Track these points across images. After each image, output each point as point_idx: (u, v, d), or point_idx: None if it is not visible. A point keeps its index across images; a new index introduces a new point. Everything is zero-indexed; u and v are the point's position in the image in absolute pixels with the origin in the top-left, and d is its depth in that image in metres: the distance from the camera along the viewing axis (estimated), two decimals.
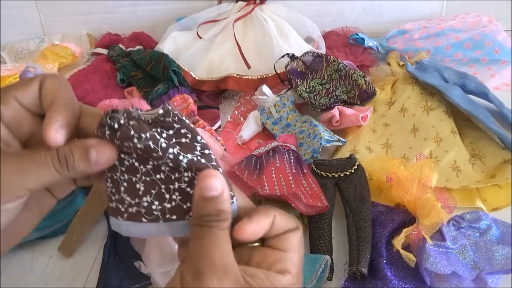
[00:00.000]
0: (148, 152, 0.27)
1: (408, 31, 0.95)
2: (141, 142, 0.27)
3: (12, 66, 1.02)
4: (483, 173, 0.63)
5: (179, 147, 0.28)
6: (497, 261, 0.48)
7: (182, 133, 0.28)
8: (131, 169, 0.29)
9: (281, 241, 0.30)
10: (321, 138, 0.67)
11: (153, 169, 0.28)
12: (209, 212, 0.27)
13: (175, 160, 0.28)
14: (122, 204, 0.30)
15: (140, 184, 0.29)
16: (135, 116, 0.28)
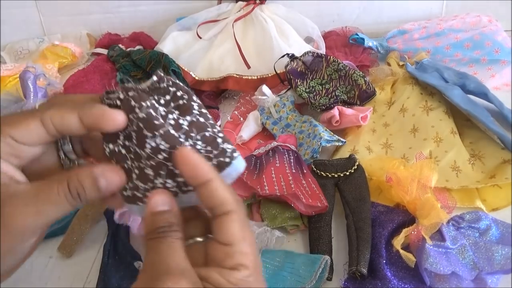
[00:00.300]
0: (150, 121, 0.27)
1: (408, 31, 0.95)
2: (142, 110, 0.27)
3: (12, 66, 1.02)
4: (483, 173, 0.63)
5: (178, 112, 0.29)
6: (496, 261, 0.48)
7: (178, 96, 0.29)
8: (136, 156, 0.29)
9: (220, 233, 0.28)
10: (320, 138, 0.67)
11: (152, 152, 0.28)
12: (161, 224, 0.28)
13: (176, 125, 0.28)
14: (137, 191, 0.30)
15: (148, 169, 0.29)
16: (132, 87, 0.28)
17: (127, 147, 0.29)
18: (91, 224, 0.61)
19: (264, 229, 0.56)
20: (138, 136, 0.28)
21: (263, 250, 0.54)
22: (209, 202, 0.28)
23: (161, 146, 0.28)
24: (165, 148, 0.28)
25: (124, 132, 0.29)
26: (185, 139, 0.28)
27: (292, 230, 0.60)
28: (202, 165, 0.28)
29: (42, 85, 0.87)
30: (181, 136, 0.28)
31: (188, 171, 0.28)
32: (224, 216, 0.28)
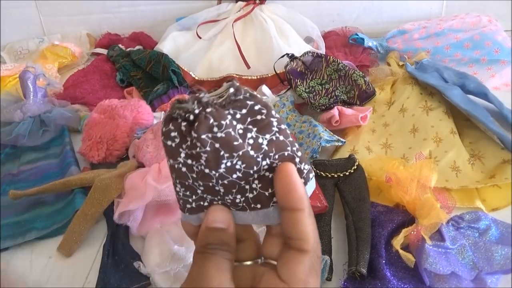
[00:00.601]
0: (229, 142, 0.25)
1: (408, 31, 0.95)
2: (221, 130, 0.24)
3: (12, 66, 1.02)
4: (482, 173, 0.63)
5: (256, 129, 0.26)
6: (496, 261, 0.48)
7: (256, 110, 0.26)
8: (204, 176, 0.27)
9: (284, 267, 0.27)
10: (320, 138, 0.67)
11: (227, 171, 0.26)
12: (213, 241, 0.27)
13: (255, 145, 0.26)
14: (203, 201, 0.28)
15: (219, 187, 0.27)
16: (208, 102, 0.25)
17: (189, 166, 0.27)
18: (91, 224, 0.61)
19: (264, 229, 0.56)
20: (212, 157, 0.25)
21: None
22: (289, 230, 0.27)
23: (237, 166, 0.26)
24: (241, 168, 0.26)
25: (187, 150, 0.26)
26: (262, 159, 0.26)
27: None
28: (300, 190, 0.26)
29: (42, 85, 0.87)
30: (259, 156, 0.26)
31: (285, 191, 0.26)
32: (296, 252, 0.27)
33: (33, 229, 0.63)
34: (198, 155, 0.25)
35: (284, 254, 0.28)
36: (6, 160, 0.78)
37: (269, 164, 0.27)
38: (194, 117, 0.25)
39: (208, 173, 0.26)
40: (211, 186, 0.27)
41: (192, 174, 0.27)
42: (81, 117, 0.84)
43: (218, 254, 0.27)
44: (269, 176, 0.27)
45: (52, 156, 0.77)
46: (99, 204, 0.61)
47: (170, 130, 0.26)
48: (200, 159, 0.26)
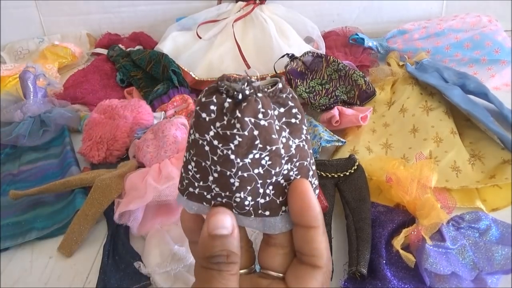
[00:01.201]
0: (268, 133, 0.24)
1: (408, 31, 0.95)
2: (266, 119, 0.24)
3: (11, 66, 1.02)
4: (482, 173, 0.63)
5: (288, 130, 0.25)
6: (496, 261, 0.48)
7: (293, 113, 0.25)
8: (226, 162, 0.25)
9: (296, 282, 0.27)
10: (320, 138, 0.67)
11: (251, 163, 0.25)
12: (217, 252, 0.25)
13: (286, 145, 0.25)
14: (208, 192, 0.27)
15: (235, 179, 0.25)
16: (259, 88, 0.24)
17: (213, 147, 0.25)
18: (91, 224, 0.61)
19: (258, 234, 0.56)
20: (245, 143, 0.24)
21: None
22: (302, 247, 0.27)
23: (263, 161, 0.25)
24: (265, 164, 0.25)
25: (219, 129, 0.24)
26: (286, 162, 0.26)
27: None
28: (316, 208, 0.26)
29: (42, 85, 0.87)
30: (285, 157, 0.26)
31: (301, 208, 0.26)
32: (309, 267, 0.27)
33: (33, 229, 0.63)
34: (232, 137, 0.24)
35: (295, 268, 0.27)
36: (6, 160, 0.78)
37: (288, 170, 0.26)
38: (243, 97, 0.24)
39: (233, 159, 0.25)
40: (227, 176, 0.26)
41: (214, 156, 0.25)
42: (81, 117, 0.84)
43: (224, 270, 0.25)
44: (282, 184, 0.26)
45: (52, 156, 0.77)
46: (100, 204, 0.61)
47: (211, 102, 0.24)
48: (230, 142, 0.24)
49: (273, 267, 0.29)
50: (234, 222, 0.26)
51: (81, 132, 0.79)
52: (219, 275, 0.25)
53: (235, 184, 0.26)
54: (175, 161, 0.64)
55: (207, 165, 0.26)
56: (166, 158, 0.65)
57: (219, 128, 0.24)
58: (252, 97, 0.24)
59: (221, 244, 0.25)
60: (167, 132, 0.68)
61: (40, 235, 0.62)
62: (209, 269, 0.25)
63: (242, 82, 0.24)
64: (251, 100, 0.24)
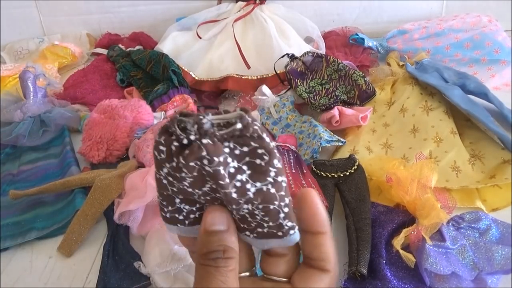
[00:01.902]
0: (214, 178, 0.23)
1: (408, 31, 0.95)
2: (211, 166, 0.23)
3: (12, 66, 1.02)
4: (482, 173, 0.63)
5: (250, 172, 0.24)
6: (496, 261, 0.48)
7: (258, 153, 0.24)
8: (185, 192, 0.26)
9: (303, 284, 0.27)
10: (320, 138, 0.67)
11: (211, 190, 0.25)
12: (214, 248, 0.26)
13: (241, 189, 0.24)
14: (179, 214, 0.27)
15: (200, 199, 0.26)
16: (208, 131, 0.23)
17: (170, 182, 0.25)
18: (91, 224, 0.61)
19: None
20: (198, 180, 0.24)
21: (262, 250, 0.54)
22: (311, 252, 0.27)
23: (219, 200, 0.26)
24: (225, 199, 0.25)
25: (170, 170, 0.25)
26: (245, 203, 0.25)
27: None
28: (324, 214, 0.27)
29: (42, 85, 0.87)
30: (241, 199, 0.25)
31: (310, 215, 0.26)
32: (317, 271, 0.27)
33: (33, 229, 0.63)
34: (182, 179, 0.24)
35: (303, 271, 0.28)
36: (6, 160, 0.78)
37: (250, 210, 0.26)
38: (188, 142, 0.23)
39: (191, 191, 0.25)
40: (191, 199, 0.26)
41: (173, 188, 0.26)
42: (81, 117, 0.84)
43: (222, 266, 0.25)
44: (248, 218, 0.26)
45: (52, 156, 0.77)
46: (99, 204, 0.61)
47: (159, 143, 0.24)
48: (183, 181, 0.25)
49: (276, 274, 0.29)
50: (229, 218, 0.27)
51: (81, 132, 0.79)
52: (217, 271, 0.25)
53: (201, 202, 0.26)
54: None
55: (169, 193, 0.26)
56: None
57: (170, 169, 0.24)
58: (195, 144, 0.23)
59: (217, 239, 0.26)
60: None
61: (40, 235, 0.62)
62: (207, 266, 0.26)
63: (192, 122, 0.23)
64: (195, 147, 0.23)
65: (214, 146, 0.23)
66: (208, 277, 0.25)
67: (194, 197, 0.26)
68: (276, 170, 0.25)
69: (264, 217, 0.26)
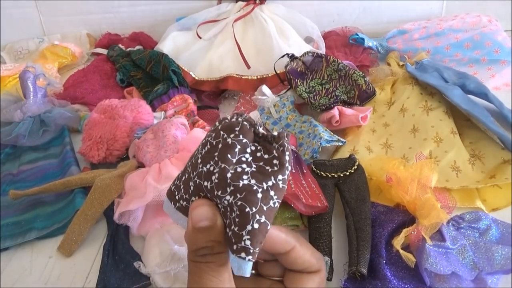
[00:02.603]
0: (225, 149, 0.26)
1: (408, 31, 0.95)
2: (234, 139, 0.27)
3: (11, 66, 1.02)
4: (483, 173, 0.63)
5: (254, 170, 0.27)
6: (496, 261, 0.48)
7: (272, 163, 0.27)
8: (195, 164, 0.28)
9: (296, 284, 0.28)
10: (320, 138, 0.67)
11: (206, 173, 0.27)
12: (203, 244, 0.26)
13: (237, 174, 0.26)
14: (178, 192, 0.29)
15: (192, 183, 0.28)
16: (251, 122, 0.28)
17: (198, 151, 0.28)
18: (91, 224, 0.61)
19: None
20: (210, 151, 0.27)
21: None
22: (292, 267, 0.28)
23: (213, 177, 0.27)
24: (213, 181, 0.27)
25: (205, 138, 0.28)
26: (230, 193, 0.26)
27: (292, 230, 0.59)
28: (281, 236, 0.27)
29: (42, 85, 0.87)
30: (230, 185, 0.26)
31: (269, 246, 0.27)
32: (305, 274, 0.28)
33: (33, 229, 0.63)
34: (206, 143, 0.28)
35: (292, 275, 0.29)
36: (6, 160, 0.78)
37: (229, 203, 0.26)
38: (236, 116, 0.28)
39: (199, 163, 0.28)
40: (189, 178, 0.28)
41: (193, 159, 0.29)
42: (81, 117, 0.84)
43: (212, 262, 0.26)
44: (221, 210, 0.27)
45: (52, 156, 0.77)
46: (99, 204, 0.61)
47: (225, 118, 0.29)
48: (204, 148, 0.28)
49: (273, 275, 0.30)
50: (215, 212, 0.27)
51: (81, 132, 0.79)
52: (207, 267, 0.26)
53: (191, 188, 0.28)
54: (175, 161, 0.64)
55: (188, 165, 0.29)
56: (166, 158, 0.65)
57: (206, 137, 0.28)
58: (237, 120, 0.27)
59: (205, 236, 0.26)
60: (167, 132, 0.68)
61: (40, 235, 0.62)
62: (198, 262, 0.26)
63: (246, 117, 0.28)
64: (234, 121, 0.27)
65: (247, 130, 0.27)
66: (200, 273, 0.26)
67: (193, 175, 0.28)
68: (274, 183, 0.27)
69: (237, 217, 0.26)
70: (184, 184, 0.28)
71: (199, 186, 0.27)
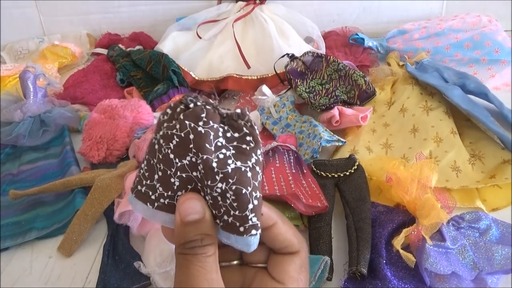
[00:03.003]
0: (201, 139, 0.26)
1: (408, 31, 0.95)
2: (205, 127, 0.26)
3: (11, 66, 1.02)
4: (483, 173, 0.63)
5: (234, 152, 0.27)
6: (496, 261, 0.48)
7: (246, 140, 0.27)
8: (166, 161, 0.27)
9: (277, 269, 0.28)
10: (320, 138, 0.67)
11: (189, 165, 0.27)
12: (192, 237, 0.26)
13: (222, 161, 0.26)
14: (153, 192, 0.28)
15: (175, 179, 0.27)
16: (212, 104, 0.27)
17: (160, 145, 0.27)
18: (91, 224, 0.61)
19: None
20: (181, 144, 0.26)
21: None
22: (272, 244, 0.28)
23: (199, 167, 0.26)
24: (200, 171, 0.26)
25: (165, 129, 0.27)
26: (220, 180, 0.26)
27: None
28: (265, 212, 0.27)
29: (42, 85, 0.87)
30: (219, 173, 0.26)
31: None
32: (286, 255, 0.28)
33: (33, 229, 0.63)
34: (171, 137, 0.26)
35: (274, 258, 0.28)
36: (6, 160, 0.78)
37: (223, 190, 0.26)
38: (194, 105, 0.26)
39: (172, 159, 0.27)
40: (168, 175, 0.27)
41: (159, 155, 0.27)
42: (81, 117, 0.84)
43: (200, 253, 0.26)
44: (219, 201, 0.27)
45: (52, 156, 0.77)
46: (99, 204, 0.61)
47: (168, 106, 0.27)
48: (170, 142, 0.27)
49: (258, 261, 0.30)
50: (204, 205, 0.27)
51: (81, 132, 0.79)
52: (195, 258, 0.26)
53: (176, 184, 0.27)
54: None
55: (154, 163, 0.28)
56: None
57: (165, 128, 0.27)
58: (199, 106, 0.26)
59: (194, 229, 0.26)
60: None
61: (40, 235, 0.62)
62: (185, 255, 0.26)
63: (201, 99, 0.27)
64: (197, 108, 0.26)
65: (213, 114, 0.26)
66: (187, 264, 0.26)
67: (171, 171, 0.27)
68: (257, 159, 0.27)
69: (234, 202, 0.26)
70: (162, 182, 0.28)
71: (187, 179, 0.27)
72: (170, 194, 0.28)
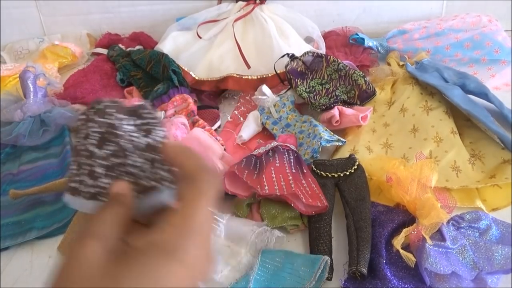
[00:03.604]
0: (115, 130, 0.31)
1: (408, 31, 0.95)
2: (115, 119, 0.31)
3: (12, 66, 1.02)
4: (483, 173, 0.63)
5: (144, 133, 0.32)
6: (496, 261, 0.48)
7: (150, 123, 0.33)
8: (90, 155, 0.32)
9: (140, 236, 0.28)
10: (321, 138, 0.67)
11: (112, 155, 0.31)
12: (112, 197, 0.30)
13: (135, 142, 0.31)
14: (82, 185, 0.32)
15: (99, 168, 0.31)
16: (116, 101, 0.32)
17: (82, 144, 0.32)
18: None
19: (264, 229, 0.56)
20: (100, 137, 0.31)
21: (263, 250, 0.54)
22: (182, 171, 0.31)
23: (120, 153, 0.31)
24: (119, 154, 0.31)
25: (83, 132, 0.32)
26: (138, 155, 0.31)
27: (292, 230, 0.59)
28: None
29: (42, 85, 0.87)
30: (134, 153, 0.31)
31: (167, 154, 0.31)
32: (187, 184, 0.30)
33: (33, 229, 0.63)
34: (89, 134, 0.32)
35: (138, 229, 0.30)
36: (6, 160, 0.78)
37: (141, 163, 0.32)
38: (101, 106, 0.32)
39: (93, 151, 0.31)
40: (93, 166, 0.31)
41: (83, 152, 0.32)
42: None
43: (112, 203, 0.29)
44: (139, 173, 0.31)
45: (52, 156, 0.77)
46: None
47: (82, 113, 0.33)
48: (89, 138, 0.31)
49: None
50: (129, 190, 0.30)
51: None
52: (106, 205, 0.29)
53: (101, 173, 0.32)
54: None
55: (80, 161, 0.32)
56: None
57: (83, 130, 0.32)
58: (105, 105, 0.32)
59: (116, 194, 0.30)
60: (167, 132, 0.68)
61: (40, 234, 0.62)
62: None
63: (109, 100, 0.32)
64: (105, 105, 0.32)
65: (119, 108, 0.32)
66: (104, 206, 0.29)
67: (95, 163, 0.31)
68: (161, 131, 0.33)
69: (157, 164, 0.32)
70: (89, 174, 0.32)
71: (109, 167, 0.31)
72: (95, 183, 0.32)
